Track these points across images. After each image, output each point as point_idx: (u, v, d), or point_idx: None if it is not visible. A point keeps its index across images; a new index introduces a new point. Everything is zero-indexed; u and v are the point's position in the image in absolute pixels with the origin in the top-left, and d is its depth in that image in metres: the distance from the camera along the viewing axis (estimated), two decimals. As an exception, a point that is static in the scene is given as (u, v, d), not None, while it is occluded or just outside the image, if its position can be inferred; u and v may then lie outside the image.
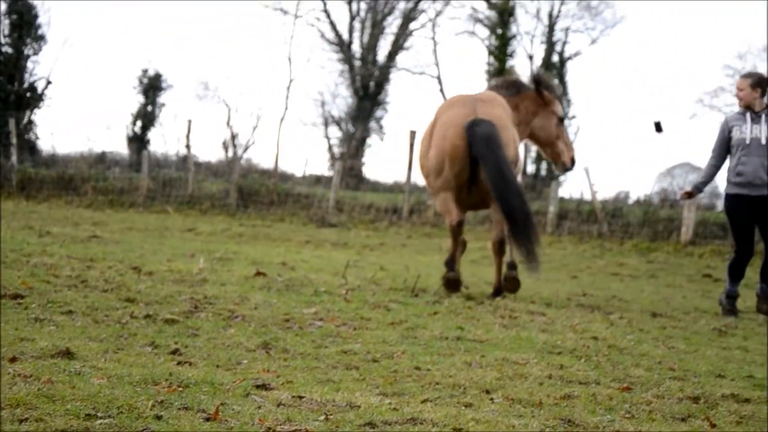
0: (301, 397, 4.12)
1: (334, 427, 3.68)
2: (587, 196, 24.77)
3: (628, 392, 4.73)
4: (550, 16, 46.55)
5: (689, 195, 9.21)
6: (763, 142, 8.67)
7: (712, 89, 47.93)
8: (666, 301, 10.09)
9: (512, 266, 8.99)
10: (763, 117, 8.74)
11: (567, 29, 46.80)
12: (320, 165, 66.41)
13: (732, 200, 8.91)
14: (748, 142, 8.71)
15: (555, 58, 46.33)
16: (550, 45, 46.33)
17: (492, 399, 4.41)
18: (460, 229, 8.86)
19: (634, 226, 21.52)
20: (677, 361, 5.79)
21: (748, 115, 8.79)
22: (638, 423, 4.07)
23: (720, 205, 35.57)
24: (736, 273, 9.07)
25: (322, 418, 3.79)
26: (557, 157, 9.75)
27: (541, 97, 9.57)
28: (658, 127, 9.47)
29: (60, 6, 66.47)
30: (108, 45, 65.07)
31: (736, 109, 9.06)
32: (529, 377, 4.97)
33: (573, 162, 9.76)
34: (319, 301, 7.45)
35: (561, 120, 9.66)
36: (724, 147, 8.93)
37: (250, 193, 24.30)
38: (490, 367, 5.20)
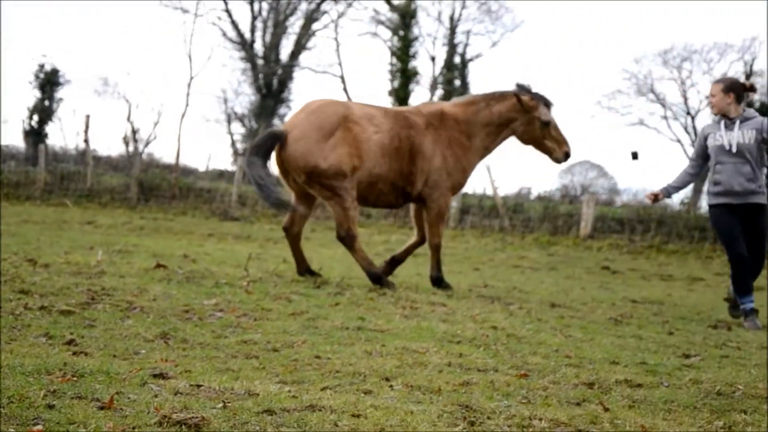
0: (199, 386, 4.07)
1: (232, 414, 3.65)
2: (490, 192, 25.08)
3: (525, 379, 4.80)
4: (452, 19, 47.16)
5: (656, 197, 8.62)
6: (734, 149, 8.24)
7: (609, 92, 49.28)
8: (565, 293, 10.26)
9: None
10: (737, 123, 8.30)
11: (468, 32, 47.56)
12: (224, 160, 65.86)
13: (715, 210, 8.44)
14: (721, 149, 8.31)
15: (457, 59, 46.98)
16: (452, 47, 46.92)
17: (391, 386, 4.43)
18: (286, 232, 9.53)
19: (535, 221, 21.89)
20: (574, 348, 5.89)
21: (722, 122, 8.38)
22: (534, 408, 4.13)
23: (618, 200, 36.41)
24: (743, 285, 8.35)
25: (220, 405, 3.75)
26: (548, 154, 9.79)
27: (520, 103, 9.58)
28: (635, 156, 9.44)
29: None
30: (3, 39, 63.38)
31: (711, 119, 8.64)
32: (428, 365, 5.00)
33: (567, 156, 9.74)
34: (219, 293, 7.38)
35: (545, 123, 9.60)
36: (702, 156, 8.55)
37: (151, 187, 23.99)
38: (390, 356, 5.21)
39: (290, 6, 47.87)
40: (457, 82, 46.42)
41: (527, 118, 9.61)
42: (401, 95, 42.47)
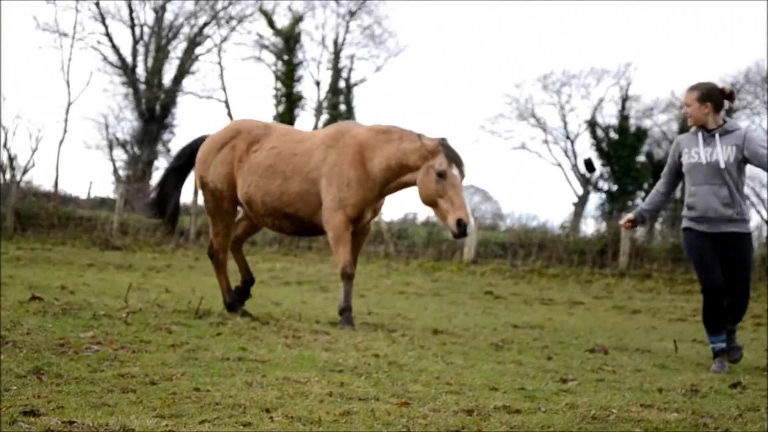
0: (72, 422, 3.98)
1: (106, 451, 3.57)
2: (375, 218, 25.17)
3: (405, 407, 4.81)
4: (336, 43, 47.41)
5: (632, 223, 7.77)
6: (722, 165, 7.23)
7: (492, 116, 50.32)
8: (448, 318, 10.35)
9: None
10: (717, 137, 7.30)
11: (352, 56, 47.83)
12: (105, 187, 64.50)
13: (687, 234, 7.46)
14: (697, 168, 7.32)
15: (342, 84, 47.21)
16: (337, 71, 47.19)
17: (272, 417, 4.39)
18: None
19: (420, 246, 22.08)
20: (454, 375, 5.94)
21: (700, 135, 7.35)
22: (414, 436, 4.15)
23: (503, 225, 36.98)
24: (713, 321, 7.34)
25: (93, 443, 3.67)
26: (443, 219, 8.42)
27: (425, 147, 8.40)
28: (589, 166, 9.03)
29: None
30: None
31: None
32: (309, 395, 4.98)
33: (459, 225, 8.16)
34: (97, 325, 7.21)
35: (440, 175, 8.26)
36: (674, 173, 7.58)
37: (28, 216, 23.42)
38: (271, 387, 5.18)
39: (172, 30, 47.37)
40: (343, 107, 46.70)
41: (426, 166, 8.36)
42: (286, 120, 42.47)
